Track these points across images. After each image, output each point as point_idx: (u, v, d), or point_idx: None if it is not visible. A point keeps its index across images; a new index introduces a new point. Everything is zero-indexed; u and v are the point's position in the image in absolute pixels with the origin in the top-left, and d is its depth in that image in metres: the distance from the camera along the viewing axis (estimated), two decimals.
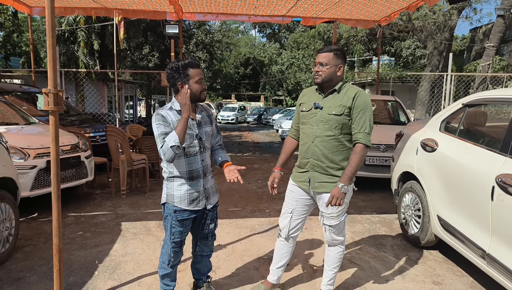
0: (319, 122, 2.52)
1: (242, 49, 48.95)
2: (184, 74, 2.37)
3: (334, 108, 2.48)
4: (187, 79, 2.37)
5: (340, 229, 2.64)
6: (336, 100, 2.51)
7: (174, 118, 2.39)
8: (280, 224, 2.80)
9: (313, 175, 2.58)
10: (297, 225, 2.74)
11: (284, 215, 2.77)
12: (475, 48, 18.19)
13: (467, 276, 3.29)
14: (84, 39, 12.07)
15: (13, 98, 6.91)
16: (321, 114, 2.52)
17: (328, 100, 2.54)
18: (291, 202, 2.73)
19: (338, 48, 2.55)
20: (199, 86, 2.40)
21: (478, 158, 2.98)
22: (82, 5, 6.94)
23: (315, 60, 2.57)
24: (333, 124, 2.49)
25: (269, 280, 2.88)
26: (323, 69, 2.49)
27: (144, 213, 4.82)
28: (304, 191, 2.67)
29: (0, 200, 3.34)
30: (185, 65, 2.37)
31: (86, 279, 3.05)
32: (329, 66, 2.48)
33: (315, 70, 2.53)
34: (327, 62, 2.48)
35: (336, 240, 2.68)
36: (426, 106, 13.52)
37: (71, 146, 5.01)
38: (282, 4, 6.63)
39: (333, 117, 2.48)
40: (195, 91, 2.39)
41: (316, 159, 2.55)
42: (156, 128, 2.34)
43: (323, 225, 2.65)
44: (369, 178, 6.03)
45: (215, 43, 25.11)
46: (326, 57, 2.49)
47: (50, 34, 2.18)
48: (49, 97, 2.24)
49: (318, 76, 2.51)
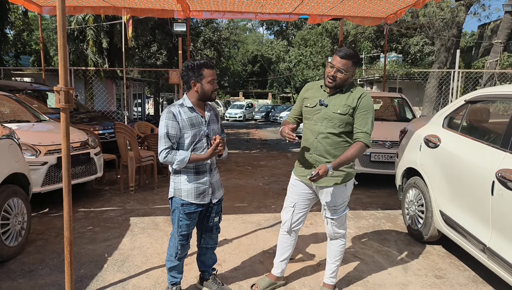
0: (323, 119, 2.57)
1: (249, 47, 48.96)
2: (198, 73, 2.46)
3: (339, 107, 2.53)
4: (200, 78, 2.47)
5: (341, 222, 2.71)
6: (341, 99, 2.55)
7: (184, 116, 2.48)
8: (282, 218, 2.87)
9: None
10: (299, 219, 2.81)
11: (286, 209, 2.84)
12: (483, 44, 18.00)
13: (469, 270, 3.32)
14: (93, 38, 12.20)
15: (24, 96, 7.05)
16: (326, 111, 2.56)
17: (333, 99, 2.57)
18: (293, 196, 2.79)
19: (357, 54, 2.53)
20: (211, 86, 2.50)
21: (479, 154, 3.01)
22: (91, 4, 7.05)
23: (331, 61, 2.53)
24: (337, 122, 2.54)
25: (273, 273, 2.95)
26: (340, 75, 2.48)
27: (152, 209, 4.92)
28: (306, 185, 2.73)
29: (13, 195, 3.45)
30: (200, 65, 2.46)
31: (96, 272, 3.15)
32: (346, 73, 2.49)
33: (330, 74, 2.50)
34: (345, 69, 2.47)
35: (337, 233, 2.74)
36: (434, 103, 13.45)
37: (81, 143, 5.12)
38: (288, 2, 6.66)
39: (337, 116, 2.53)
40: (206, 90, 2.49)
41: (318, 154, 2.60)
42: (164, 126, 2.44)
43: (325, 218, 2.72)
44: (375, 174, 6.06)
45: (223, 41, 25.20)
46: (345, 64, 2.47)
47: (61, 33, 2.26)
48: (60, 95, 2.33)
49: (333, 80, 2.51)
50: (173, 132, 2.44)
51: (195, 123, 2.51)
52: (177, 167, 2.45)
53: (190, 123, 2.49)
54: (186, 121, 2.48)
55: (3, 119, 4.90)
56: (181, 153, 2.44)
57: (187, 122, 2.48)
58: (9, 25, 13.07)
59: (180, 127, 2.46)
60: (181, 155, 2.42)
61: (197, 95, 2.52)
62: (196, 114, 2.53)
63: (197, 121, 2.52)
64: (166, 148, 2.43)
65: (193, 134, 2.48)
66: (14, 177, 3.50)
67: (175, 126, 2.44)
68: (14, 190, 3.47)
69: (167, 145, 2.44)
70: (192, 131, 2.49)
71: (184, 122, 2.47)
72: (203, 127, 2.54)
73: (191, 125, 2.49)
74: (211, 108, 2.68)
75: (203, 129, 2.54)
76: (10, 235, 3.34)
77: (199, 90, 2.49)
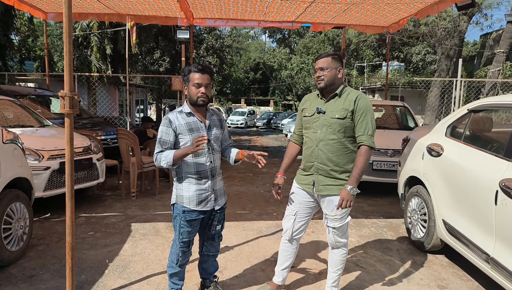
0: (322, 126, 2.59)
1: (252, 54, 49.22)
2: (187, 77, 2.53)
3: (337, 112, 2.56)
4: (188, 82, 2.53)
5: (343, 231, 2.69)
6: (338, 104, 2.58)
7: (182, 121, 2.52)
8: (283, 226, 2.86)
9: (318, 178, 2.64)
10: (300, 227, 2.80)
11: (287, 217, 2.83)
12: (485, 54, 18.04)
13: (472, 280, 3.30)
14: (97, 44, 12.29)
15: (28, 101, 7.09)
16: (324, 118, 2.59)
17: (330, 105, 2.61)
18: (295, 204, 2.79)
19: (335, 52, 2.66)
20: (196, 89, 2.49)
21: (482, 163, 3.01)
22: (96, 11, 7.12)
23: (315, 67, 2.66)
24: (336, 127, 2.55)
25: (275, 281, 2.93)
26: (324, 73, 2.57)
27: (153, 215, 4.91)
28: (308, 193, 2.73)
29: (16, 199, 3.45)
30: (189, 69, 2.53)
31: (97, 278, 3.14)
32: (329, 69, 2.57)
33: (316, 76, 2.62)
34: (327, 66, 2.57)
35: (339, 242, 2.72)
36: (436, 112, 13.45)
37: (83, 148, 5.14)
38: (291, 11, 6.72)
39: (336, 121, 2.55)
40: (192, 94, 2.51)
41: (320, 162, 2.61)
42: (160, 131, 2.53)
43: (327, 227, 2.70)
44: (377, 183, 6.05)
45: (225, 48, 25.28)
46: (325, 61, 2.58)
47: (67, 40, 2.28)
48: (65, 101, 2.34)
49: (321, 80, 2.59)
50: (165, 138, 2.51)
51: (194, 128, 2.53)
52: (166, 164, 2.47)
53: (189, 128, 2.51)
54: (184, 126, 2.51)
55: (7, 123, 4.92)
56: (167, 152, 2.49)
57: (185, 127, 2.51)
58: (14, 31, 13.18)
59: (177, 133, 2.51)
60: (167, 154, 2.47)
61: (188, 99, 2.56)
62: (195, 119, 2.55)
63: (195, 126, 2.53)
64: (157, 152, 2.53)
65: (191, 138, 2.49)
66: (17, 182, 3.51)
67: (168, 132, 2.51)
68: (16, 194, 3.48)
69: (158, 150, 2.53)
70: (191, 136, 2.50)
71: (182, 126, 2.51)
72: (203, 132, 2.55)
73: (190, 130, 2.51)
74: (213, 113, 2.69)
75: (201, 134, 2.54)
76: (12, 239, 3.34)
77: (187, 93, 2.55)
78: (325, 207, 2.66)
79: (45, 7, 6.83)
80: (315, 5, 6.27)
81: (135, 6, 6.75)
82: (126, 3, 6.59)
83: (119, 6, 6.80)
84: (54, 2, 6.50)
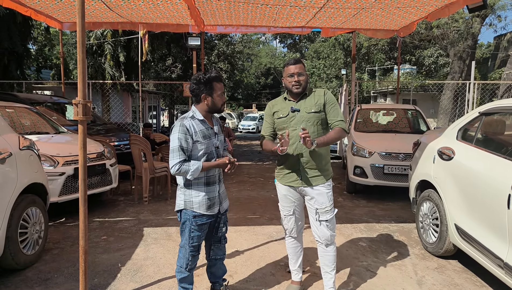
0: (300, 122, 2.74)
1: (263, 59, 49.39)
2: (209, 86, 2.54)
3: (311, 107, 2.77)
4: (211, 92, 2.55)
5: (334, 223, 2.83)
6: (310, 101, 2.79)
7: (197, 129, 2.54)
8: (286, 227, 2.98)
9: (304, 172, 2.75)
10: (300, 223, 2.97)
11: (287, 217, 2.94)
12: (499, 55, 17.76)
13: (486, 286, 3.24)
14: (111, 52, 12.54)
15: (44, 108, 7.27)
16: (301, 115, 2.75)
17: (302, 103, 2.80)
18: (289, 204, 2.90)
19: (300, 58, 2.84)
20: (221, 99, 2.61)
21: (494, 167, 2.97)
22: (109, 20, 7.27)
23: (290, 72, 2.77)
24: (314, 120, 2.75)
25: (295, 279, 3.06)
26: (302, 78, 2.77)
27: (165, 219, 4.97)
28: (296, 190, 2.84)
29: (32, 204, 3.54)
30: (211, 78, 2.54)
31: (109, 281, 3.20)
32: (304, 74, 2.79)
33: (294, 80, 2.75)
34: (303, 71, 2.79)
35: (333, 235, 2.83)
36: (449, 115, 13.27)
37: (97, 154, 5.24)
38: (301, 16, 6.74)
39: (313, 115, 2.75)
40: (217, 103, 2.58)
41: (304, 156, 2.73)
42: (177, 139, 2.47)
43: (320, 222, 2.78)
44: (389, 187, 6.00)
45: (236, 54, 25.46)
46: (301, 67, 2.78)
47: (80, 49, 2.35)
48: (78, 108, 2.41)
49: (299, 85, 2.76)
50: (186, 146, 2.48)
51: (207, 135, 2.57)
52: (191, 177, 2.48)
53: (203, 135, 2.55)
54: (199, 133, 2.53)
55: (24, 130, 5.06)
56: (194, 163, 2.48)
57: (200, 134, 2.54)
58: (31, 41, 13.52)
59: (194, 140, 2.51)
60: (195, 165, 2.47)
61: (207, 108, 2.59)
62: (207, 126, 2.60)
63: (208, 133, 2.58)
64: (180, 161, 2.45)
65: (206, 146, 2.54)
66: (33, 187, 3.61)
67: (187, 140, 2.48)
68: (33, 199, 3.57)
69: (182, 158, 2.46)
70: (205, 143, 2.54)
71: (198, 134, 2.53)
72: (213, 139, 2.60)
73: (203, 137, 2.55)
74: (216, 119, 2.78)
75: (213, 140, 2.60)
76: (28, 243, 3.43)
77: (210, 103, 2.57)
78: (315, 202, 2.76)
79: (61, 17, 7.00)
80: (324, 11, 6.28)
81: (147, 14, 6.88)
82: (139, 12, 6.72)
83: (132, 15, 6.94)
84: (69, 12, 6.66)
